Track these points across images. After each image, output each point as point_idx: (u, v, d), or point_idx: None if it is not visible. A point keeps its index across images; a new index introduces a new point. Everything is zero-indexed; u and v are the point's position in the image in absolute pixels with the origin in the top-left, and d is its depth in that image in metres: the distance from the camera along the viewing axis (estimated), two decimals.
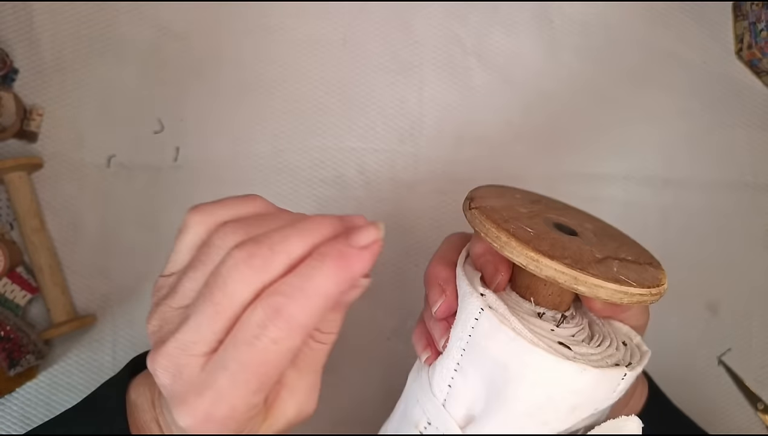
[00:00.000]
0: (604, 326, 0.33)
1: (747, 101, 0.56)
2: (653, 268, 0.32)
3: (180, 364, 0.24)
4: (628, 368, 0.29)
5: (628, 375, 0.28)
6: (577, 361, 0.28)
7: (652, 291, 0.28)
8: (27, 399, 0.47)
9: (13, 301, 0.46)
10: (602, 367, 0.28)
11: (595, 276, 0.27)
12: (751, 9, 0.54)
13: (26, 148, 0.48)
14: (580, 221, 0.36)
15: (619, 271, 0.28)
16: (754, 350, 0.55)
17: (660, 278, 0.30)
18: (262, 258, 0.23)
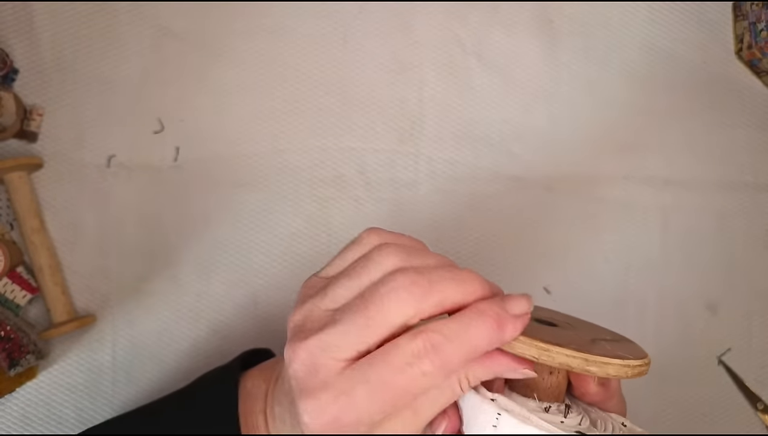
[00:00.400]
0: (597, 412, 0.34)
1: (747, 101, 0.56)
2: (629, 342, 0.33)
3: (318, 362, 0.25)
4: None
5: None
6: None
7: (645, 361, 0.30)
8: (27, 399, 0.47)
9: (13, 301, 0.46)
10: None
11: (601, 355, 0.27)
12: (751, 9, 0.54)
13: (26, 148, 0.48)
14: (548, 313, 0.36)
15: (612, 349, 0.29)
16: (754, 350, 0.55)
17: (641, 349, 0.31)
18: (422, 290, 0.25)
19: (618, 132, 0.54)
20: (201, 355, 0.49)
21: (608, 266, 0.54)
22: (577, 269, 0.53)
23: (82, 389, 0.48)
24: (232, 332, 0.49)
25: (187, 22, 0.50)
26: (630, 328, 0.53)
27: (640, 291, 0.54)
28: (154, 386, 0.48)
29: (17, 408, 0.47)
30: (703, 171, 0.55)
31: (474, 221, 0.52)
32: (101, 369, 0.48)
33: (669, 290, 0.54)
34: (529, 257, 0.53)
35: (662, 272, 0.54)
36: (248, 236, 0.50)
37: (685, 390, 0.54)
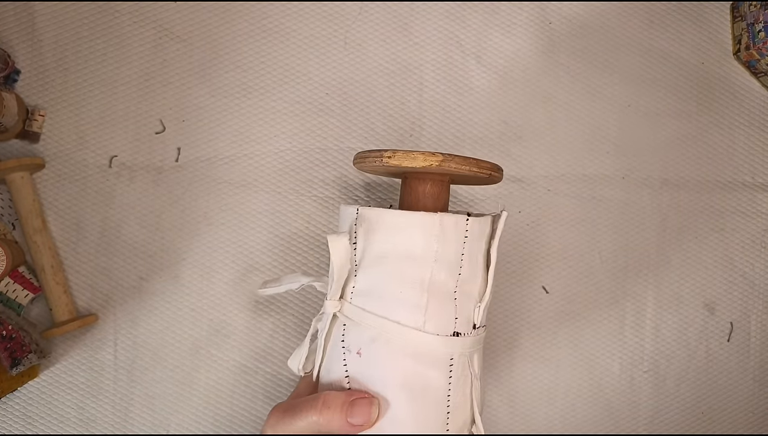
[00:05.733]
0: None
1: (745, 102, 0.56)
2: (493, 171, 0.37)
3: None
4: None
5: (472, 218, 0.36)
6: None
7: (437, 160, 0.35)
8: (29, 398, 0.47)
9: (15, 300, 0.46)
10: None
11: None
12: (749, 10, 0.54)
13: (28, 148, 0.48)
14: None
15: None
16: (752, 349, 0.55)
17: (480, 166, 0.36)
18: None
19: (616, 132, 0.55)
20: (202, 354, 0.49)
21: (606, 265, 0.54)
22: (575, 268, 0.53)
23: (84, 388, 0.48)
24: (232, 332, 0.50)
25: (189, 24, 0.50)
26: (628, 327, 0.54)
27: (638, 291, 0.54)
28: (156, 385, 0.48)
29: (19, 407, 0.47)
30: (700, 171, 0.55)
31: None
32: (103, 368, 0.48)
33: (667, 289, 0.54)
34: (528, 257, 0.53)
35: (660, 272, 0.54)
36: (249, 235, 0.50)
37: (683, 390, 0.54)
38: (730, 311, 0.55)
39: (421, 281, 0.35)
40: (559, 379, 0.53)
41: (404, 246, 0.35)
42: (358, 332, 0.36)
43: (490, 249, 0.37)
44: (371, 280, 0.36)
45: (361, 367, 0.36)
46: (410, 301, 0.35)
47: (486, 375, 0.52)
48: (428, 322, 0.35)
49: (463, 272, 0.36)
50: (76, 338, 0.48)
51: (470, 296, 0.37)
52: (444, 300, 0.36)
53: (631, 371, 0.53)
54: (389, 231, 0.36)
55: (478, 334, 0.37)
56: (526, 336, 0.53)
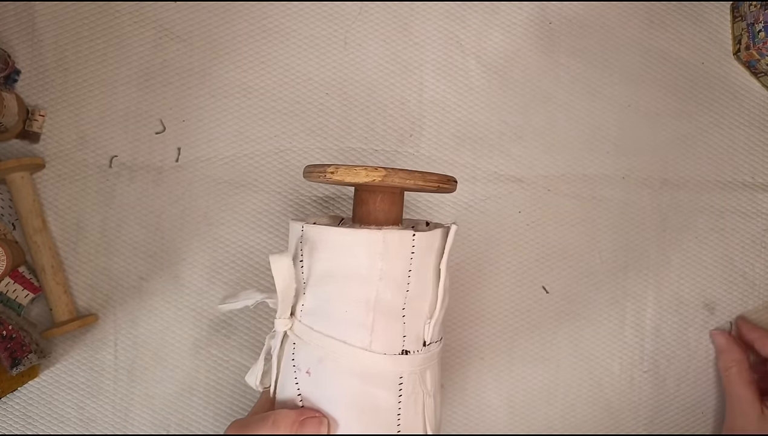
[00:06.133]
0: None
1: (745, 102, 0.56)
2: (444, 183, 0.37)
3: None
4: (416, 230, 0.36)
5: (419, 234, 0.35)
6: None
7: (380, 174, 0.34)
8: (29, 398, 0.47)
9: (15, 300, 0.46)
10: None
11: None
12: (749, 10, 0.54)
13: (28, 148, 0.48)
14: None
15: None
16: None
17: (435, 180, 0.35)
18: None
19: (616, 132, 0.55)
20: (202, 354, 0.49)
21: (606, 265, 0.54)
22: (575, 268, 0.53)
23: (84, 388, 0.48)
24: (233, 332, 0.50)
25: (189, 24, 0.50)
26: (628, 327, 0.54)
27: (639, 291, 0.54)
28: (156, 384, 0.48)
29: (19, 407, 0.47)
30: (700, 171, 0.55)
31: (473, 221, 0.53)
32: (103, 368, 0.48)
33: (667, 289, 0.54)
34: (528, 257, 0.53)
35: (660, 272, 0.54)
36: (249, 235, 0.50)
37: (683, 390, 0.54)
38: (730, 310, 0.55)
39: (366, 300, 0.34)
40: (559, 379, 0.53)
41: (347, 265, 0.35)
42: (306, 351, 0.36)
43: (441, 264, 0.36)
44: (318, 299, 0.36)
45: (311, 386, 0.35)
46: (356, 320, 0.35)
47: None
48: (375, 341, 0.35)
49: (411, 289, 0.35)
50: (76, 338, 0.48)
51: (420, 312, 0.36)
52: (391, 318, 0.35)
53: (631, 371, 0.54)
54: (332, 249, 0.35)
55: (430, 350, 0.37)
56: (526, 336, 0.53)
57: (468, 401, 0.52)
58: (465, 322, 0.52)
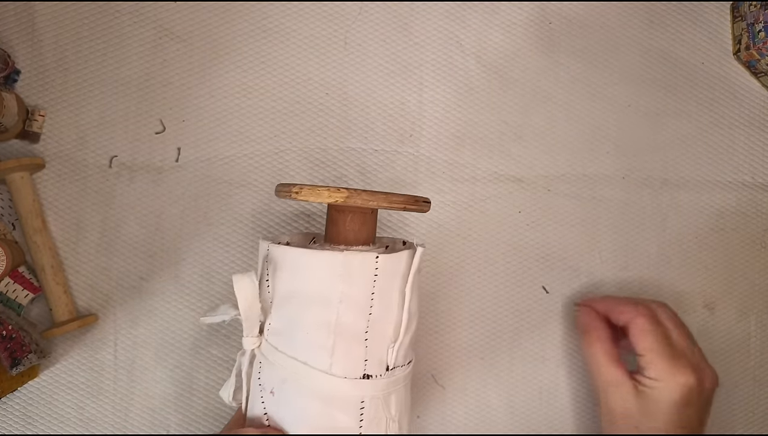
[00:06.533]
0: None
1: (745, 102, 0.56)
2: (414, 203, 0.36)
3: None
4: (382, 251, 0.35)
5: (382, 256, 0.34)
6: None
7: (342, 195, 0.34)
8: (29, 398, 0.47)
9: (15, 300, 0.46)
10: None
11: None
12: (749, 10, 0.54)
13: (28, 148, 0.48)
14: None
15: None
16: (753, 349, 0.55)
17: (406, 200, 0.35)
18: None
19: (616, 132, 0.55)
20: (202, 354, 0.49)
21: (606, 265, 0.54)
22: (575, 268, 0.53)
23: (84, 388, 0.48)
24: (233, 332, 0.50)
25: (189, 24, 0.50)
26: None
27: (639, 291, 0.54)
28: (156, 385, 0.48)
29: (19, 407, 0.47)
30: (700, 171, 0.55)
31: (473, 221, 0.53)
32: (103, 368, 0.48)
33: (667, 289, 0.54)
34: (527, 257, 0.53)
35: (660, 272, 0.54)
36: (249, 235, 0.50)
37: None
38: (730, 310, 0.55)
39: (327, 323, 0.34)
40: (559, 379, 0.53)
41: (309, 286, 0.34)
42: (271, 371, 0.36)
43: (406, 287, 0.36)
44: (282, 319, 0.36)
45: (275, 406, 0.35)
46: (317, 343, 0.34)
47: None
48: (335, 364, 0.34)
49: (374, 312, 0.35)
50: (76, 338, 0.48)
51: (384, 336, 0.35)
52: (353, 342, 0.35)
53: None
54: (293, 271, 0.35)
55: (394, 375, 0.36)
56: (526, 336, 0.53)
57: (468, 401, 0.52)
58: (465, 322, 0.52)
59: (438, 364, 0.51)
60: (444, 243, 0.52)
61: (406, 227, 0.52)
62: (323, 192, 0.33)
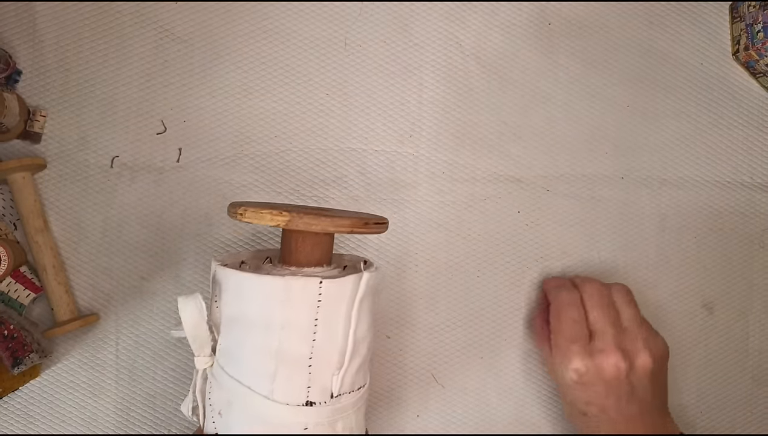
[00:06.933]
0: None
1: (743, 102, 0.57)
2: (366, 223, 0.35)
3: None
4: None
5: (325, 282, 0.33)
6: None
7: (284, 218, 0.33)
8: (30, 397, 0.47)
9: (17, 300, 0.46)
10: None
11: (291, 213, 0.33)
12: (748, 11, 0.54)
13: (30, 149, 0.48)
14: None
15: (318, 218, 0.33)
16: (751, 349, 0.55)
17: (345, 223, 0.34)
18: None
19: (615, 133, 0.55)
20: None
21: (605, 265, 0.54)
22: (574, 268, 0.54)
23: (85, 387, 0.48)
24: None
25: (190, 24, 0.51)
26: None
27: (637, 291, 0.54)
28: (157, 384, 0.49)
29: (20, 406, 0.47)
30: (699, 171, 0.56)
31: (472, 222, 0.53)
32: (104, 367, 0.48)
33: (666, 289, 0.55)
34: (527, 257, 0.53)
35: (659, 272, 0.55)
36: (250, 236, 0.50)
37: (682, 389, 0.55)
38: (729, 310, 0.55)
39: (267, 349, 0.33)
40: None
41: (251, 311, 0.34)
42: (219, 392, 0.36)
43: (351, 313, 0.34)
44: (227, 342, 0.35)
45: (223, 427, 0.35)
46: (259, 368, 0.34)
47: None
48: (276, 391, 0.34)
49: (318, 338, 0.34)
50: (77, 337, 0.48)
51: (328, 363, 0.34)
52: (295, 368, 0.34)
53: None
54: (236, 294, 0.34)
55: (340, 402, 0.35)
56: (526, 336, 0.53)
57: (468, 400, 0.52)
58: (464, 322, 0.52)
59: (438, 363, 0.52)
60: (444, 243, 0.52)
61: (405, 227, 0.52)
62: (265, 215, 0.32)
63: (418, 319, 0.52)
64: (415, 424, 0.51)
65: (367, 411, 0.50)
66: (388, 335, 0.51)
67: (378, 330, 0.51)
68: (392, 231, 0.52)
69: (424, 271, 0.52)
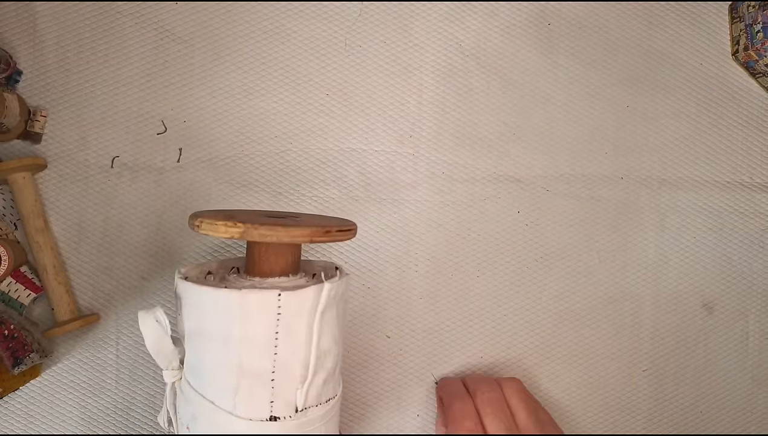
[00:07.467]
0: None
1: (743, 102, 0.57)
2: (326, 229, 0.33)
3: None
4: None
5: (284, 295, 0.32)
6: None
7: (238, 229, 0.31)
8: (30, 397, 0.47)
9: (17, 300, 0.46)
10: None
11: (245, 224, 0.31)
12: (748, 11, 0.55)
13: (30, 149, 0.48)
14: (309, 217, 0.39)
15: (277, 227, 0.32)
16: (751, 349, 0.55)
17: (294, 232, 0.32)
18: None
19: (614, 133, 0.55)
20: None
21: (605, 265, 0.54)
22: (574, 268, 0.54)
23: (86, 387, 0.48)
24: None
25: (190, 25, 0.51)
26: (626, 327, 0.54)
27: (637, 291, 0.54)
28: (157, 384, 0.49)
29: (21, 406, 0.47)
30: (699, 171, 0.56)
31: (472, 221, 0.53)
32: (105, 367, 0.48)
33: (665, 289, 0.55)
34: (526, 257, 0.53)
35: (658, 272, 0.55)
36: None
37: (681, 389, 0.55)
38: (729, 310, 0.55)
39: (228, 363, 0.33)
40: (558, 379, 0.53)
41: (210, 325, 0.33)
42: (185, 406, 0.35)
43: (313, 325, 0.33)
44: (191, 355, 0.35)
45: None
46: (220, 383, 0.33)
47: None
48: (239, 406, 0.33)
49: (280, 352, 0.33)
50: (78, 337, 0.48)
51: (292, 376, 0.33)
52: (257, 383, 0.33)
53: (629, 370, 0.54)
54: (195, 308, 0.33)
55: (306, 416, 0.34)
56: (525, 336, 0.53)
57: None
58: (464, 321, 0.52)
59: (438, 363, 0.52)
60: (443, 243, 0.52)
61: (405, 227, 0.52)
62: (220, 227, 0.31)
63: (418, 319, 0.52)
64: (415, 424, 0.51)
65: (367, 411, 0.50)
66: (388, 335, 0.51)
67: (378, 330, 0.51)
68: (392, 231, 0.52)
69: (424, 271, 0.52)
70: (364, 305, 0.51)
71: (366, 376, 0.51)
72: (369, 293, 0.51)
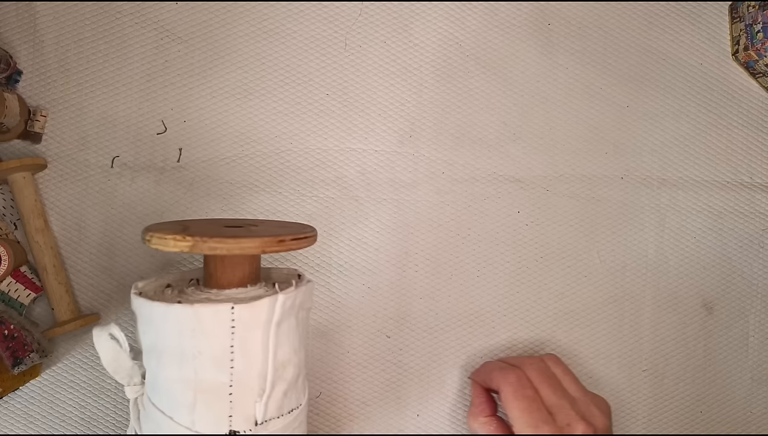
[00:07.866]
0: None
1: (743, 102, 0.57)
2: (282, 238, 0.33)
3: None
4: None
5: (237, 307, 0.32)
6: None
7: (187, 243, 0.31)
8: (30, 397, 0.47)
9: (17, 300, 0.46)
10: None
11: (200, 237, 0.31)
12: (748, 11, 0.55)
13: (30, 149, 0.48)
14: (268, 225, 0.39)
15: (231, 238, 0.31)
16: (751, 349, 0.55)
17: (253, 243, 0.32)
18: None
19: (614, 133, 0.55)
20: None
21: (605, 265, 0.54)
22: (573, 268, 0.54)
23: (86, 387, 0.48)
24: None
25: (190, 25, 0.51)
26: (626, 327, 0.54)
27: (637, 290, 0.54)
28: None
29: (21, 406, 0.47)
30: (699, 171, 0.56)
31: (472, 221, 0.53)
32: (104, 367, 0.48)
33: (665, 289, 0.55)
34: (526, 257, 0.53)
35: (658, 272, 0.55)
36: None
37: (681, 389, 0.55)
38: (729, 310, 0.55)
39: (185, 379, 0.32)
40: None
41: (164, 341, 0.33)
42: (147, 422, 0.35)
43: (269, 337, 0.33)
44: (150, 371, 0.35)
45: None
46: (177, 398, 0.33)
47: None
48: (197, 421, 0.33)
49: (236, 366, 0.32)
50: (77, 337, 0.48)
51: (250, 389, 0.33)
52: (215, 397, 0.33)
53: (629, 370, 0.54)
54: (149, 323, 0.33)
55: (267, 429, 0.34)
56: (525, 336, 0.53)
57: (467, 400, 0.52)
58: (464, 321, 0.52)
59: (438, 363, 0.52)
60: (443, 243, 0.52)
61: (405, 227, 0.52)
62: (169, 241, 0.31)
63: (418, 319, 0.52)
64: (415, 424, 0.51)
65: (367, 411, 0.50)
66: (388, 335, 0.51)
67: (378, 330, 0.51)
68: (392, 231, 0.52)
69: (424, 271, 0.52)
70: (364, 305, 0.51)
71: (366, 376, 0.51)
72: (369, 293, 0.51)
